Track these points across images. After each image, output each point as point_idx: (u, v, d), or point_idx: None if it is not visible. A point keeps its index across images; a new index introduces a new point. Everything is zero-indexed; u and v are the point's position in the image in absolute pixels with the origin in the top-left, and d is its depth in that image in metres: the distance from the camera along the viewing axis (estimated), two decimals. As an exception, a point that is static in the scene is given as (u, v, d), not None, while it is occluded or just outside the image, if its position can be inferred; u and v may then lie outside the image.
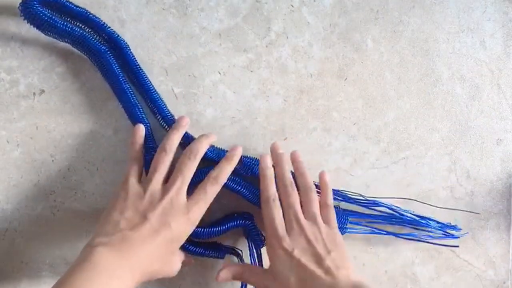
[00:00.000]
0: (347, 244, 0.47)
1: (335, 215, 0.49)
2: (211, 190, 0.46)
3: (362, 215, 0.54)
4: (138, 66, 0.49)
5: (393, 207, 0.55)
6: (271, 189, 0.48)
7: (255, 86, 0.54)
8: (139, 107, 0.49)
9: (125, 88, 0.48)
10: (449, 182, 0.59)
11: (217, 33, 0.53)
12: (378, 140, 0.57)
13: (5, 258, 0.49)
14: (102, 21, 0.48)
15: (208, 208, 0.46)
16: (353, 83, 0.56)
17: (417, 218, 0.55)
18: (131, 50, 0.50)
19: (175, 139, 0.47)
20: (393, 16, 0.58)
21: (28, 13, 0.45)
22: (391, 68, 0.58)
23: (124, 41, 0.49)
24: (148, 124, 0.49)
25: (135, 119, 0.49)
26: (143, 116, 0.49)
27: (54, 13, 0.46)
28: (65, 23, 0.46)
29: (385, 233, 0.55)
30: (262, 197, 0.48)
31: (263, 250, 0.50)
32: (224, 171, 0.47)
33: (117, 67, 0.48)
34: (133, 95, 0.49)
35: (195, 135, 0.53)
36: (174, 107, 0.52)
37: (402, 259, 0.58)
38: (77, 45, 0.48)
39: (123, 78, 0.49)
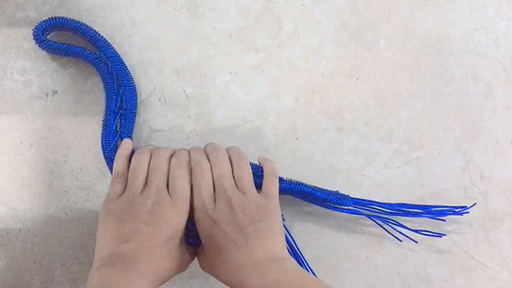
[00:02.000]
0: (360, 245, 0.46)
1: (276, 185, 0.47)
2: (185, 173, 0.45)
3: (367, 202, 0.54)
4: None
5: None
6: (198, 155, 0.46)
7: (266, 86, 0.54)
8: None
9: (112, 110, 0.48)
10: (463, 183, 0.58)
11: (228, 33, 0.53)
12: (391, 140, 0.57)
13: (18, 258, 0.50)
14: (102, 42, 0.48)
15: None
16: (365, 82, 0.56)
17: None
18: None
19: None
20: (406, 15, 0.57)
21: (40, 45, 0.48)
22: (403, 68, 0.57)
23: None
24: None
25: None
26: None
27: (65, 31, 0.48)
28: (74, 49, 0.48)
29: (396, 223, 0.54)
30: (192, 166, 0.46)
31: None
32: (202, 157, 0.46)
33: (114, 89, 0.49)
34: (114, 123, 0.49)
35: (207, 136, 0.53)
36: (185, 108, 0.52)
37: (415, 260, 0.57)
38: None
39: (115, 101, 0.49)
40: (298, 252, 0.52)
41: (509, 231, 0.59)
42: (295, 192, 0.50)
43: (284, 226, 0.52)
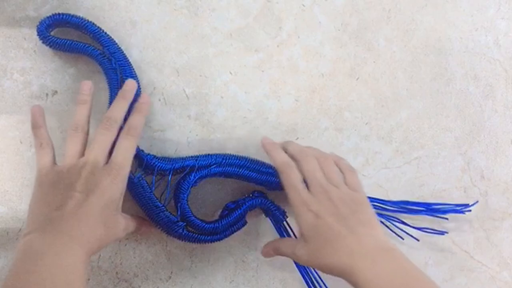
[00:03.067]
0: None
1: (358, 179, 0.48)
2: (129, 144, 0.45)
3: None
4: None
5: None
6: (283, 156, 0.47)
7: (266, 86, 0.54)
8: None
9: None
10: (463, 183, 0.58)
11: (228, 33, 0.53)
12: (391, 140, 0.57)
13: (18, 258, 0.50)
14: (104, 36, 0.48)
15: (214, 201, 0.46)
16: (365, 82, 0.56)
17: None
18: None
19: (116, 110, 0.45)
20: (406, 15, 0.57)
21: (44, 41, 0.48)
22: (403, 68, 0.57)
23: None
24: None
25: None
26: None
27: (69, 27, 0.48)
28: (78, 45, 0.48)
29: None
30: (277, 167, 0.47)
31: (290, 229, 0.50)
32: (138, 123, 0.46)
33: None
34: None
35: (207, 136, 0.53)
36: (185, 108, 0.52)
37: (415, 260, 0.56)
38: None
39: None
40: None
41: (509, 231, 0.59)
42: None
43: (287, 223, 0.52)
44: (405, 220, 0.55)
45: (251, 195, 0.51)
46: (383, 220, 0.54)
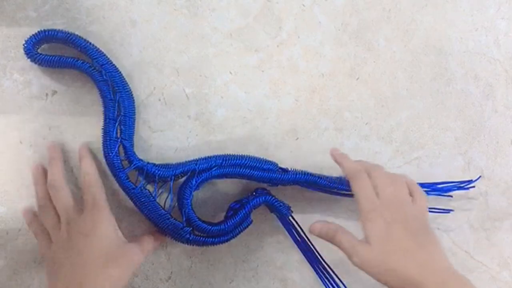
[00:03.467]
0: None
1: (426, 205, 0.48)
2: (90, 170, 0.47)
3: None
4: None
5: None
6: (354, 164, 0.48)
7: (266, 86, 0.54)
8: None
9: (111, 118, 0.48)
10: (463, 183, 0.58)
11: (228, 33, 0.53)
12: (391, 140, 0.57)
13: (18, 258, 0.50)
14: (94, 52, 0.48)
15: (215, 202, 0.46)
16: (365, 82, 0.56)
17: None
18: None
19: (56, 172, 0.47)
20: (406, 15, 0.57)
21: (33, 59, 0.48)
22: (403, 68, 0.57)
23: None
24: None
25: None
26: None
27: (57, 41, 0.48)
28: (67, 60, 0.47)
29: None
30: (349, 173, 0.48)
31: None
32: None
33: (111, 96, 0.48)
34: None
35: (207, 136, 0.53)
36: (185, 108, 0.52)
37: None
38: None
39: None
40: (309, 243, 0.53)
41: (509, 231, 0.59)
42: (301, 182, 0.51)
43: (293, 218, 0.52)
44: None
45: (254, 193, 0.51)
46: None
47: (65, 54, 0.48)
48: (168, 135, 0.52)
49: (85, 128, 0.50)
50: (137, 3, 0.52)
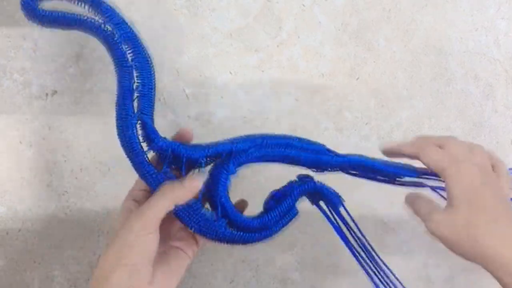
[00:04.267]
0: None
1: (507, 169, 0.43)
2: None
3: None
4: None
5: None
6: (414, 140, 0.43)
7: (266, 86, 0.54)
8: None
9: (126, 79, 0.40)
10: (463, 183, 0.58)
11: (228, 33, 0.53)
12: (391, 140, 0.57)
13: (18, 258, 0.50)
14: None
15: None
16: (365, 82, 0.56)
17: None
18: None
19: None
20: (406, 15, 0.57)
21: (31, 15, 0.39)
22: (403, 68, 0.57)
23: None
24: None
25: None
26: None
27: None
28: (73, 17, 0.39)
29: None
30: (414, 147, 0.42)
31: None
32: None
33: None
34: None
35: (207, 136, 0.53)
36: (185, 108, 0.52)
37: (415, 261, 0.57)
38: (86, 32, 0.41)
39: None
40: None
41: (510, 231, 0.59)
42: (355, 166, 0.44)
43: (344, 208, 0.48)
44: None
45: (297, 180, 0.43)
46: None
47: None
48: (168, 135, 0.52)
49: (85, 128, 0.50)
50: (137, 3, 0.52)
